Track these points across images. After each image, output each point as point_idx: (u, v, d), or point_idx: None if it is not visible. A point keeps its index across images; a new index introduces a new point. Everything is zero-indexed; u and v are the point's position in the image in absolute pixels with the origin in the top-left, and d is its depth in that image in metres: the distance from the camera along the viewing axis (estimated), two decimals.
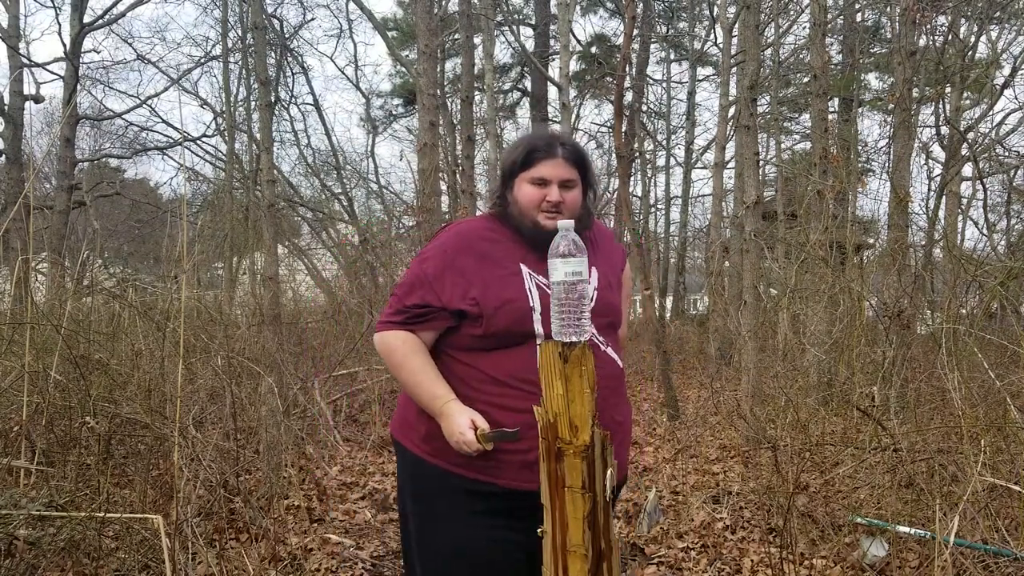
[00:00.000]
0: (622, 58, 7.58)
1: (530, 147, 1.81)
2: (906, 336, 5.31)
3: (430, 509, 1.83)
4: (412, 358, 1.78)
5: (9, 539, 2.75)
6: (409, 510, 1.90)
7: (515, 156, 1.82)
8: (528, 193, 1.79)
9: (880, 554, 3.18)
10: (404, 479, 1.92)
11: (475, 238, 1.84)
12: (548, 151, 1.79)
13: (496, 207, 1.88)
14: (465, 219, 1.96)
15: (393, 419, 2.00)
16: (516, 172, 1.82)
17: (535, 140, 1.83)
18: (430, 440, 1.80)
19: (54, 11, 13.48)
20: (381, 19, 18.92)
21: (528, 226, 1.79)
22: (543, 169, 1.78)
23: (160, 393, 4.16)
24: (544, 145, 1.80)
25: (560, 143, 1.81)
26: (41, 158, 14.76)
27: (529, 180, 1.79)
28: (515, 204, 1.82)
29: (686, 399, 7.78)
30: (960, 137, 9.42)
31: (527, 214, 1.79)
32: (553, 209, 1.77)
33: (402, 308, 1.81)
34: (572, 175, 1.81)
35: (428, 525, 1.84)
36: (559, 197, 1.77)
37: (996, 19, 12.23)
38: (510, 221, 1.83)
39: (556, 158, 1.79)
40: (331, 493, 4.38)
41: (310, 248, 14.69)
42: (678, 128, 19.47)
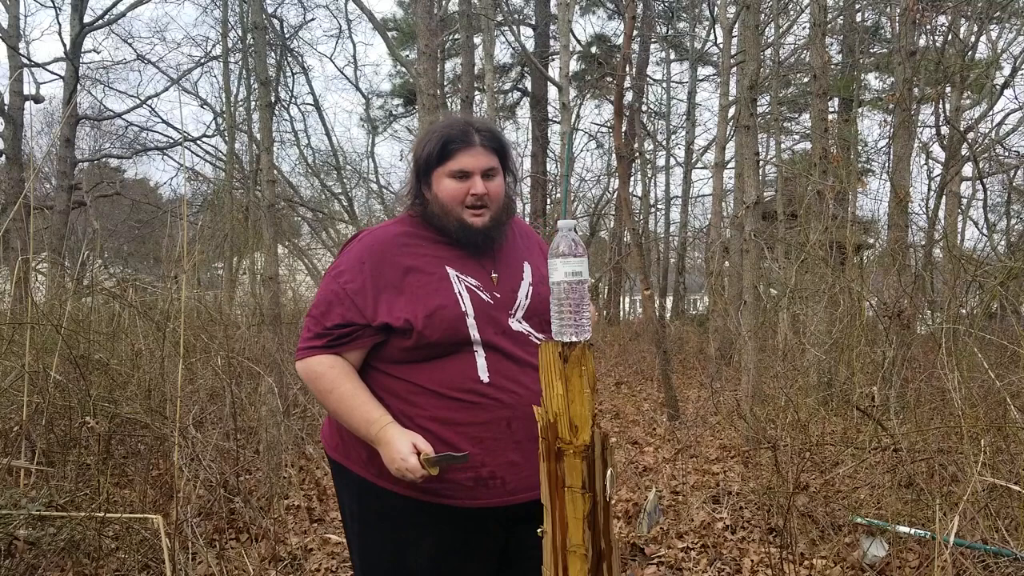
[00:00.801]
0: (622, 58, 7.58)
1: (445, 138, 1.65)
2: (906, 336, 5.31)
3: (378, 533, 1.71)
4: (341, 383, 1.63)
5: (9, 539, 2.75)
6: (355, 532, 1.76)
7: (429, 149, 1.66)
8: (449, 188, 1.65)
9: (880, 554, 3.18)
10: (349, 501, 1.77)
11: (393, 245, 1.68)
12: (465, 140, 1.65)
13: (414, 207, 1.72)
14: (378, 226, 1.78)
15: (325, 437, 1.83)
16: (432, 166, 1.66)
17: (449, 130, 1.67)
18: (372, 460, 1.66)
19: (54, 11, 13.51)
20: (381, 19, 18.93)
21: (454, 225, 1.66)
22: (462, 160, 1.64)
23: (160, 393, 4.16)
24: (460, 134, 1.65)
25: (476, 129, 1.67)
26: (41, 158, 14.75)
27: (448, 174, 1.65)
28: (435, 201, 1.67)
29: (686, 399, 7.78)
30: (960, 137, 9.42)
31: (451, 212, 1.65)
32: (478, 203, 1.65)
33: (322, 331, 1.64)
34: (493, 163, 1.67)
35: (373, 548, 1.72)
36: (483, 189, 1.65)
37: (996, 19, 12.23)
38: (432, 221, 1.69)
39: (475, 147, 1.65)
40: (331, 493, 4.38)
41: (310, 248, 14.69)
42: (678, 128, 19.49)
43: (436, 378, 1.63)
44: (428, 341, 1.61)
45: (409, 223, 1.73)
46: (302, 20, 19.57)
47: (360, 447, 1.69)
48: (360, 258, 1.67)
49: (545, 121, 18.20)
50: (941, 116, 10.09)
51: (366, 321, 1.63)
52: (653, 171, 20.26)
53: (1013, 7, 11.62)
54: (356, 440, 1.69)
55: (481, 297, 1.67)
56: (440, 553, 1.67)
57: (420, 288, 1.64)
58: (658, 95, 20.35)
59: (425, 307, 1.61)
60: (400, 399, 1.65)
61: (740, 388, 6.22)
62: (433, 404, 1.63)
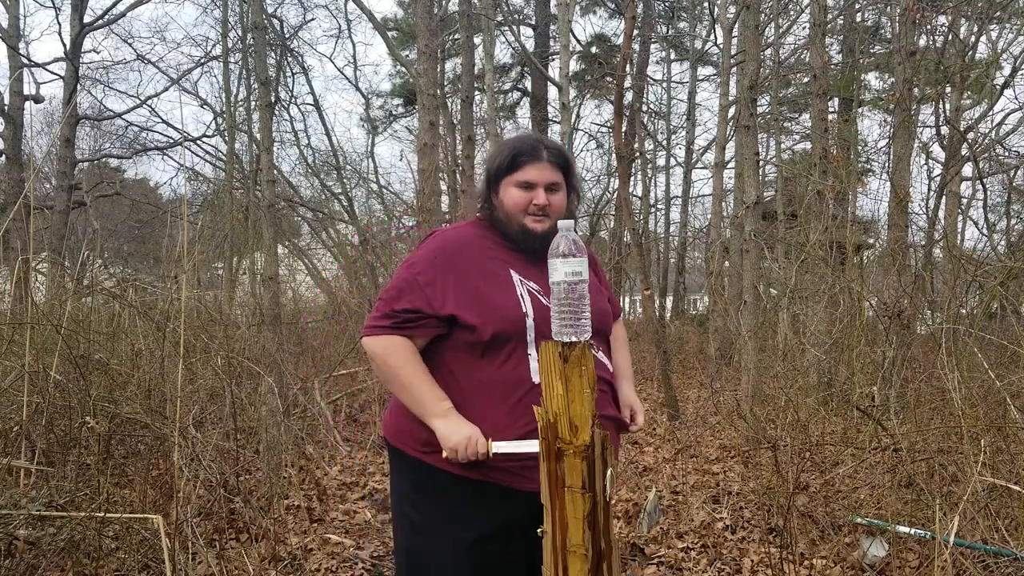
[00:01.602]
0: (622, 58, 7.58)
1: (515, 151, 1.80)
2: (906, 336, 5.31)
3: (431, 518, 1.80)
4: (408, 363, 1.75)
5: (9, 539, 2.75)
6: (406, 514, 1.87)
7: (500, 160, 1.82)
8: (514, 197, 1.79)
9: (880, 554, 3.18)
10: (403, 484, 1.88)
11: (464, 245, 1.82)
12: (533, 154, 1.80)
13: (482, 211, 1.88)
14: (452, 226, 1.95)
15: (386, 423, 1.96)
16: (502, 176, 1.82)
17: (520, 144, 1.83)
18: (429, 443, 1.77)
19: (54, 11, 13.51)
20: (381, 19, 18.93)
21: (515, 230, 1.80)
22: (529, 172, 1.79)
23: (160, 393, 4.16)
24: (529, 149, 1.81)
25: (545, 146, 1.82)
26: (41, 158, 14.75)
27: (515, 184, 1.80)
28: (501, 208, 1.82)
29: (686, 399, 7.78)
30: (960, 137, 9.42)
31: (514, 218, 1.80)
32: (540, 212, 1.78)
33: (391, 312, 1.77)
34: (557, 178, 1.82)
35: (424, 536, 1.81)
36: (545, 200, 1.78)
37: (996, 19, 12.22)
38: (497, 225, 1.84)
39: (541, 161, 1.80)
40: (331, 493, 4.38)
41: (310, 248, 14.68)
42: (678, 128, 19.47)
43: (490, 375, 1.73)
44: (487, 338, 1.71)
45: (478, 226, 1.88)
46: (302, 20, 19.54)
47: (417, 431, 1.79)
48: (433, 253, 1.80)
49: (545, 121, 18.19)
50: (941, 116, 10.09)
51: (432, 312, 1.74)
52: (653, 171, 20.25)
53: (1013, 7, 11.62)
54: (410, 426, 1.80)
55: (541, 301, 1.77)
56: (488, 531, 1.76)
57: (486, 287, 1.75)
58: (658, 95, 20.35)
59: (489, 305, 1.73)
60: (458, 391, 1.76)
61: (740, 388, 6.22)
62: (484, 400, 1.73)
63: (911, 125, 8.06)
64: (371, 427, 5.90)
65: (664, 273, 17.87)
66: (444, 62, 18.14)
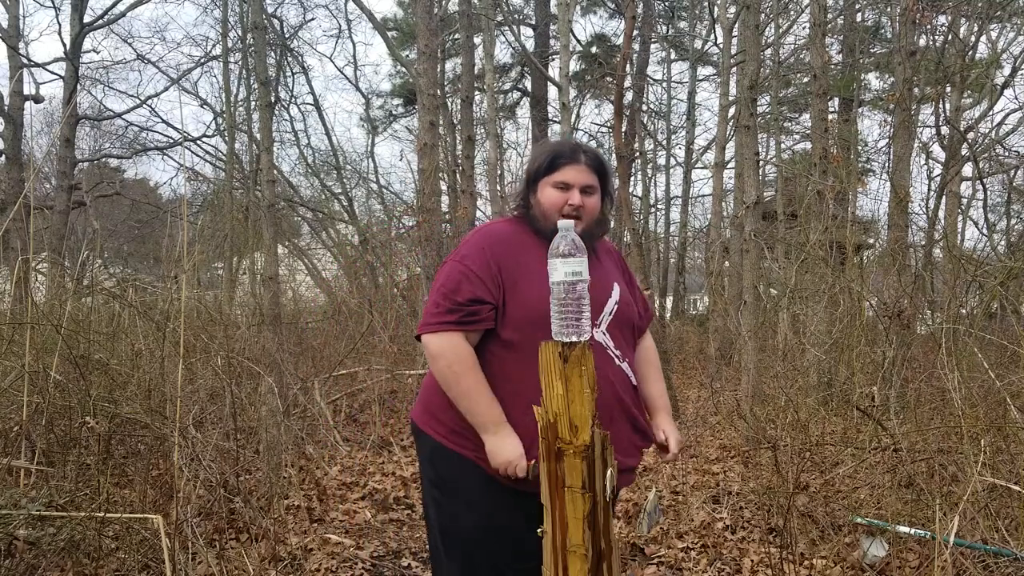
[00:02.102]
0: (622, 58, 7.58)
1: (555, 153, 1.88)
2: (906, 336, 5.31)
3: (453, 494, 1.86)
4: (470, 372, 1.77)
5: (9, 539, 2.74)
6: (431, 497, 1.93)
7: (540, 161, 1.89)
8: (551, 196, 1.86)
9: (880, 554, 3.18)
10: (425, 466, 1.94)
11: (507, 239, 1.88)
12: (572, 157, 1.87)
13: (519, 209, 1.95)
14: (493, 221, 2.02)
15: (416, 408, 2.00)
16: (540, 176, 1.89)
17: (560, 146, 1.91)
18: (456, 433, 1.83)
19: (54, 11, 13.50)
20: (381, 19, 18.92)
21: (550, 228, 1.80)
22: (566, 174, 1.86)
23: (160, 393, 4.16)
24: (568, 151, 1.88)
25: (583, 151, 1.90)
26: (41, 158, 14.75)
27: (552, 184, 1.86)
28: (538, 207, 1.88)
29: (686, 399, 7.78)
30: (960, 137, 9.42)
31: (549, 217, 1.84)
32: (574, 213, 1.84)
33: (454, 306, 1.78)
34: (593, 181, 1.89)
35: (451, 510, 1.87)
36: (580, 201, 1.85)
37: (996, 19, 12.22)
38: (533, 223, 1.89)
39: (579, 164, 1.87)
40: (331, 493, 4.38)
41: (310, 248, 14.68)
42: (678, 128, 19.45)
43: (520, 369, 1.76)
44: (523, 334, 1.75)
45: (516, 223, 1.94)
46: (302, 20, 19.53)
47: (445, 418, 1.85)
48: (480, 245, 1.85)
49: (545, 121, 18.19)
50: (941, 116, 10.10)
51: (493, 300, 1.78)
52: (653, 171, 20.26)
53: (1013, 7, 11.62)
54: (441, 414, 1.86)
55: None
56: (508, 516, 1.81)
57: (523, 280, 1.79)
58: (658, 95, 20.34)
59: (525, 297, 1.77)
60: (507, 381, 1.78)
61: (740, 388, 6.22)
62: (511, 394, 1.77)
63: (911, 125, 8.06)
64: (371, 427, 5.89)
65: (664, 273, 17.86)
66: (444, 62, 18.13)
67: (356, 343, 7.22)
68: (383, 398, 6.58)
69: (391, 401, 6.80)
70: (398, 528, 3.96)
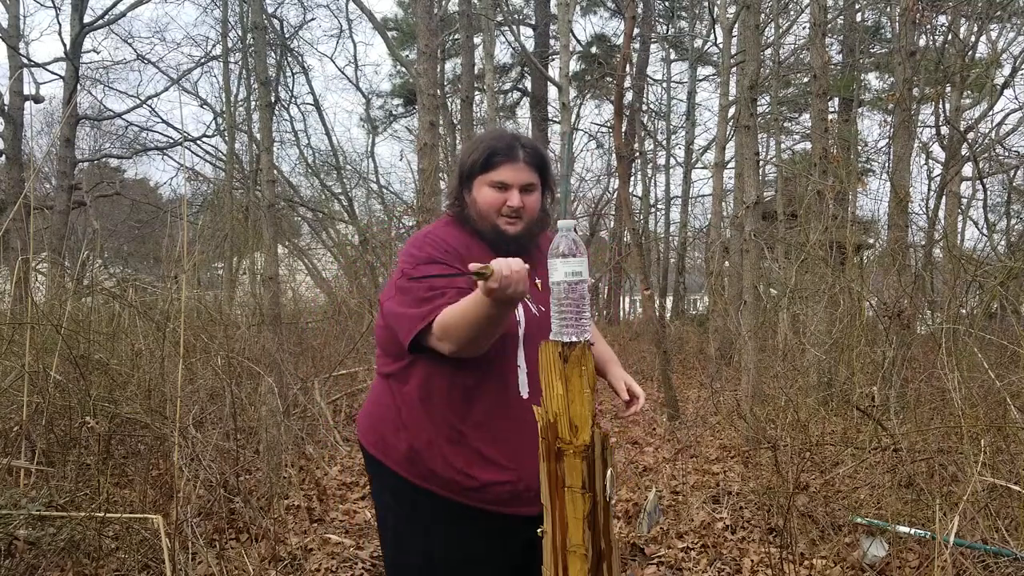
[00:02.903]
0: (622, 58, 7.58)
1: (491, 149, 1.73)
2: (906, 336, 5.31)
3: (410, 525, 1.78)
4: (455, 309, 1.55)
5: (9, 539, 2.75)
6: (389, 525, 1.83)
7: (475, 157, 1.74)
8: (488, 197, 1.72)
9: (880, 554, 3.18)
10: (384, 495, 1.84)
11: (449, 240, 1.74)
12: (509, 154, 1.72)
13: (453, 208, 1.81)
14: (426, 227, 1.85)
15: (364, 431, 1.87)
16: (475, 173, 1.74)
17: (495, 142, 1.75)
18: (413, 462, 1.73)
19: (54, 11, 13.49)
20: (381, 19, 18.93)
21: (488, 230, 1.74)
22: (504, 173, 1.72)
23: (160, 393, 4.16)
24: (505, 148, 1.73)
25: (521, 145, 1.75)
26: (41, 158, 14.75)
27: (489, 183, 1.72)
28: (473, 206, 1.75)
29: (686, 399, 7.78)
30: (960, 137, 9.42)
31: (486, 218, 1.73)
32: (513, 215, 1.72)
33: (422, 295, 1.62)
34: (533, 179, 1.75)
35: (406, 540, 1.79)
36: (520, 202, 1.71)
37: (996, 19, 12.22)
38: (468, 222, 1.76)
39: (517, 162, 1.72)
40: (331, 493, 4.38)
41: (310, 248, 14.68)
42: (678, 128, 19.47)
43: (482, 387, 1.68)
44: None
45: (451, 224, 1.80)
46: (302, 20, 19.50)
47: (398, 443, 1.74)
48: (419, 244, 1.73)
49: (545, 121, 18.20)
50: (941, 116, 10.10)
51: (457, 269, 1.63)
52: (653, 171, 20.28)
53: (1013, 7, 11.62)
54: (393, 438, 1.75)
55: (531, 310, 1.73)
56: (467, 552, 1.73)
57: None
58: (658, 95, 20.36)
59: None
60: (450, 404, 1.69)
61: (740, 388, 6.22)
62: (479, 412, 1.69)
63: (911, 125, 8.06)
64: None
65: (664, 273, 17.87)
66: (444, 62, 18.15)
67: (356, 343, 7.22)
68: None
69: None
70: None
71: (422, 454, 1.72)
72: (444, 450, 1.70)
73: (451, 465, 1.70)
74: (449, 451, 1.70)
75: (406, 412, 1.74)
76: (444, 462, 1.70)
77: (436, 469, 1.71)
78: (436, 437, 1.71)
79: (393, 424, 1.76)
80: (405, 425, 1.74)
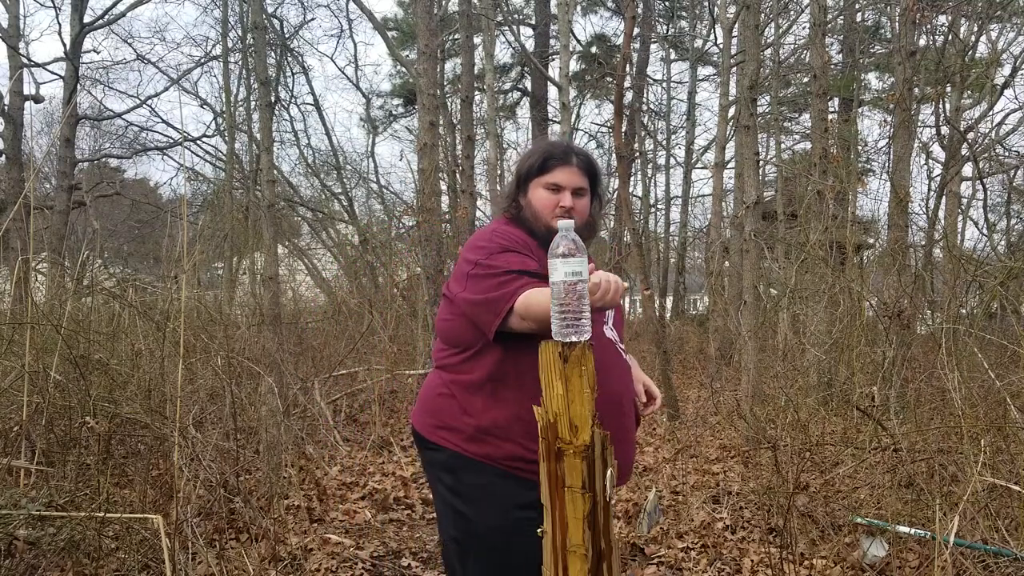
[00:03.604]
0: (622, 58, 7.58)
1: (547, 154, 1.88)
2: (906, 336, 5.31)
3: (476, 501, 1.82)
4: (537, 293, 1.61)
5: (9, 539, 2.75)
6: (450, 507, 1.87)
7: (532, 161, 1.89)
8: (542, 197, 1.86)
9: (880, 554, 3.18)
10: (444, 476, 1.88)
11: (512, 236, 1.85)
12: (563, 159, 1.87)
13: (509, 210, 1.93)
14: (488, 225, 1.99)
15: (420, 418, 1.94)
16: (532, 177, 1.88)
17: (551, 148, 1.90)
18: (477, 440, 1.79)
19: (54, 11, 13.48)
20: (381, 19, 18.91)
21: (541, 229, 1.84)
22: (558, 175, 1.85)
23: (160, 393, 4.16)
24: (560, 153, 1.88)
25: (575, 152, 1.89)
26: (41, 158, 14.75)
27: (544, 185, 1.86)
28: (528, 207, 1.88)
29: (686, 399, 7.79)
30: (960, 137, 9.42)
31: (541, 218, 1.85)
32: (565, 214, 1.82)
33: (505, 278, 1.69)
34: (584, 183, 1.88)
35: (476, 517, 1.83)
36: (571, 203, 1.84)
37: (996, 19, 12.22)
38: (523, 223, 1.89)
39: (571, 166, 1.87)
40: (331, 493, 4.38)
41: (310, 248, 14.68)
42: (678, 128, 19.47)
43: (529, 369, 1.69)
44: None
45: (508, 223, 1.91)
46: (302, 20, 19.48)
47: (462, 426, 1.81)
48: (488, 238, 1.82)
49: (545, 121, 18.19)
50: (941, 116, 10.10)
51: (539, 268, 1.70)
52: (653, 171, 20.27)
53: (1013, 7, 11.62)
54: (456, 421, 1.83)
55: None
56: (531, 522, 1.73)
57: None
58: (658, 95, 20.34)
59: None
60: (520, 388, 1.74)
61: (740, 388, 6.22)
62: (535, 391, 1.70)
63: (911, 125, 8.06)
64: (371, 427, 5.89)
65: (664, 273, 17.87)
66: (444, 62, 18.14)
67: (356, 343, 7.22)
68: (383, 398, 6.58)
69: (391, 401, 6.80)
70: (398, 528, 3.96)
71: (490, 433, 1.79)
72: (512, 430, 1.77)
73: (518, 443, 1.76)
74: (516, 429, 1.76)
75: (469, 399, 1.82)
76: (510, 440, 1.77)
77: (503, 446, 1.78)
78: (502, 418, 1.78)
79: (454, 411, 1.84)
80: (466, 411, 1.82)
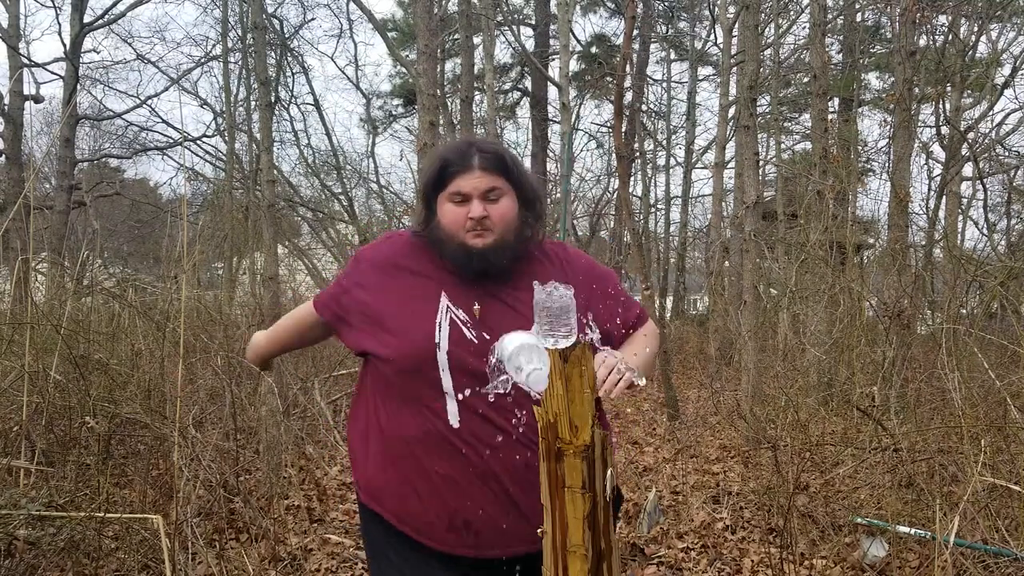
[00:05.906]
0: (622, 58, 7.58)
1: (443, 162, 1.60)
2: (906, 336, 5.31)
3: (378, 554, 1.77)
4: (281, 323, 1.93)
5: (9, 539, 2.75)
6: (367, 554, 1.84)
7: (430, 174, 1.62)
8: (450, 213, 1.58)
9: (880, 554, 3.18)
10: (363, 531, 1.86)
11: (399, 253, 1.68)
12: (462, 163, 1.58)
13: (422, 229, 1.66)
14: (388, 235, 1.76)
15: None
16: (435, 191, 1.61)
17: (449, 152, 1.62)
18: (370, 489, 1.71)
19: (54, 11, 13.49)
20: (381, 19, 18.92)
21: (456, 248, 1.59)
22: (460, 184, 1.57)
23: (160, 393, 4.16)
24: (458, 157, 1.59)
25: (477, 150, 1.60)
26: (41, 158, 14.76)
27: (448, 198, 1.59)
28: (439, 227, 1.60)
29: (686, 399, 7.78)
30: (960, 137, 9.42)
31: (454, 236, 1.58)
32: (478, 226, 1.56)
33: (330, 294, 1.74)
34: (495, 183, 1.58)
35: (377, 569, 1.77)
36: (482, 211, 1.56)
37: (996, 19, 12.22)
38: (435, 246, 1.63)
39: (472, 169, 1.57)
40: (331, 493, 4.38)
41: (310, 248, 14.68)
42: (678, 128, 19.45)
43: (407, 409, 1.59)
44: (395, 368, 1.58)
45: (415, 244, 1.69)
46: (302, 20, 19.48)
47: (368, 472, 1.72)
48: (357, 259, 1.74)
49: (545, 121, 18.19)
50: (941, 116, 10.10)
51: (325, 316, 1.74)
52: (653, 171, 20.25)
53: (1013, 7, 11.62)
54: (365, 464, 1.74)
55: (464, 334, 1.56)
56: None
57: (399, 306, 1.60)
58: (658, 95, 20.34)
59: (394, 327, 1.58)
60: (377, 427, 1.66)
61: (740, 388, 6.23)
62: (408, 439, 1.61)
63: (911, 125, 8.06)
64: None
65: (664, 273, 17.86)
66: (444, 62, 18.13)
67: None
68: None
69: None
70: None
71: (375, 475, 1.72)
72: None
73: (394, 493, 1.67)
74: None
75: None
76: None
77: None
78: None
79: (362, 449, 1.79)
80: None
